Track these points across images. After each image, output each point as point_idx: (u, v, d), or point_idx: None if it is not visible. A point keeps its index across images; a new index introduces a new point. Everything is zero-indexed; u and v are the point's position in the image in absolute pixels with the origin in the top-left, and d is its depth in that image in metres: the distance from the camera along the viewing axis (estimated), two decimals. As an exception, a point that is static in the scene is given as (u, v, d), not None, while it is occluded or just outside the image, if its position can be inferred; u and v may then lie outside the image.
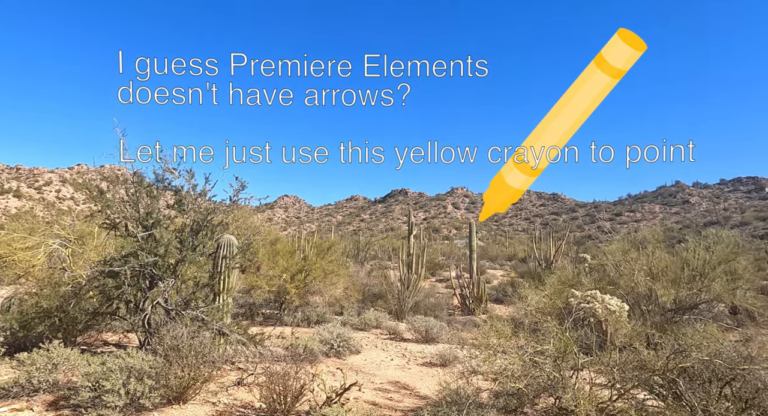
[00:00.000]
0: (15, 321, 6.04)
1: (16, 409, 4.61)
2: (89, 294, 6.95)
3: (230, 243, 7.41)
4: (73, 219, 11.68)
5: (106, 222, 6.57)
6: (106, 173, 6.28)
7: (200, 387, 5.30)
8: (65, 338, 6.61)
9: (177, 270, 6.77)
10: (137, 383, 4.73)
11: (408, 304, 14.21)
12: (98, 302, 6.70)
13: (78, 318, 6.37)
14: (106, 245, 9.47)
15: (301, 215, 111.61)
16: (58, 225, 10.07)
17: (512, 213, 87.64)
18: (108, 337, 8.12)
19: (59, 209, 79.68)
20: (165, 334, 5.74)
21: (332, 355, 7.90)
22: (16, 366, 5.07)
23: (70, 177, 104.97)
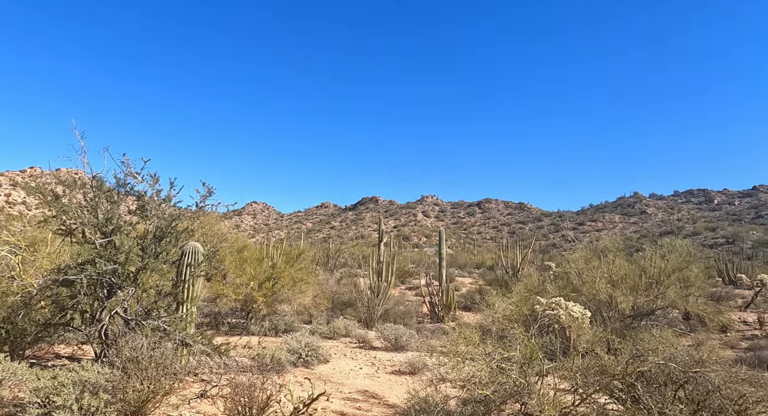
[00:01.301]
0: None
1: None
2: (40, 305, 6.55)
3: (195, 250, 7.18)
4: (24, 225, 11.05)
5: (62, 228, 6.24)
6: (62, 177, 5.97)
7: (160, 400, 5.08)
8: (12, 351, 6.19)
9: (138, 279, 6.49)
10: (91, 398, 4.48)
11: (378, 312, 14.18)
12: (50, 312, 6.33)
13: (27, 329, 6.00)
14: (61, 252, 9.00)
15: (270, 222, 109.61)
16: (6, 231, 9.49)
17: (481, 222, 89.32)
18: (60, 350, 7.68)
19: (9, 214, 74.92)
20: (123, 345, 5.49)
21: (300, 365, 7.76)
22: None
23: (21, 180, 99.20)
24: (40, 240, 9.35)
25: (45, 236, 9.55)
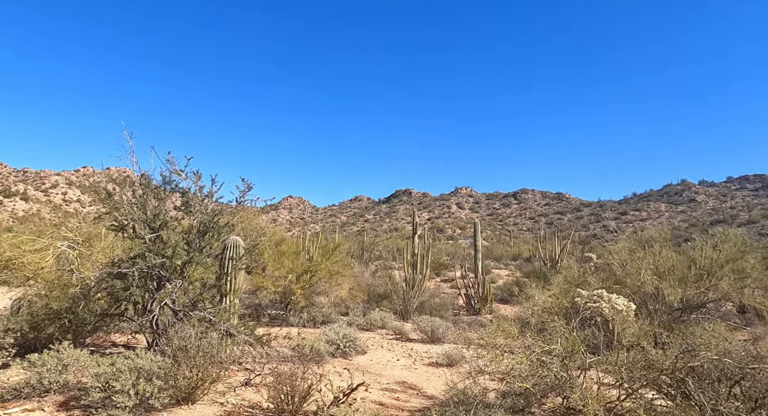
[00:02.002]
0: (26, 323, 6.10)
1: (28, 410, 4.66)
2: (98, 296, 7.00)
3: (237, 244, 7.44)
4: (80, 222, 11.78)
5: (114, 224, 6.61)
6: (114, 175, 6.32)
7: (208, 387, 5.33)
8: (74, 339, 6.66)
9: (184, 272, 6.81)
10: (146, 384, 4.76)
11: (413, 304, 14.22)
12: (106, 303, 6.74)
13: (87, 319, 6.42)
14: (114, 247, 9.55)
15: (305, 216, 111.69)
16: (65, 228, 10.16)
17: (517, 213, 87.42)
18: (116, 338, 8.17)
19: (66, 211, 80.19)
20: (173, 335, 5.78)
21: (338, 356, 7.92)
22: (28, 367, 5.11)
23: (76, 179, 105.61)
24: (94, 235, 9.96)
25: (99, 232, 10.15)
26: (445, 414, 4.09)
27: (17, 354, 5.78)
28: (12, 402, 4.81)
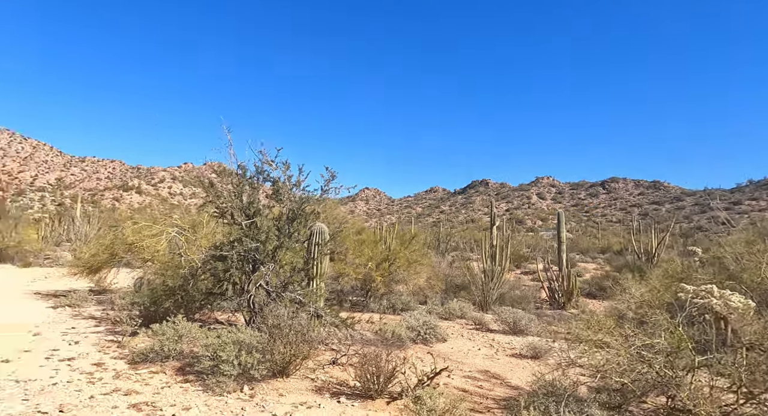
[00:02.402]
0: (147, 298, 6.98)
1: (153, 372, 5.36)
2: (203, 277, 7.79)
3: (322, 230, 7.82)
4: (182, 213, 13.09)
5: (216, 210, 7.28)
6: (215, 167, 6.96)
7: (300, 363, 5.70)
8: (186, 314, 7.49)
9: (276, 256, 7.32)
10: (247, 356, 5.23)
11: (492, 296, 13.89)
12: (211, 283, 7.47)
13: (195, 296, 7.18)
14: (215, 233, 10.51)
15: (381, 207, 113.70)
16: (174, 217, 11.38)
17: (605, 203, 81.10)
18: (218, 316, 9.04)
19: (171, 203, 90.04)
20: (268, 314, 6.26)
21: (419, 342, 8.01)
22: (152, 335, 5.87)
23: (179, 174, 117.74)
24: (197, 223, 11.02)
25: (201, 220, 11.22)
26: (533, 403, 3.97)
27: (142, 324, 6.65)
28: (141, 365, 5.56)
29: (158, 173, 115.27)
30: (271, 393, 5.03)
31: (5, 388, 4.48)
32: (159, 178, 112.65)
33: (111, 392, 4.63)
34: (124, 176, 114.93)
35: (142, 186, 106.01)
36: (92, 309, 9.13)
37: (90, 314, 8.65)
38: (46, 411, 4.02)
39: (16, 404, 4.11)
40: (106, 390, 4.68)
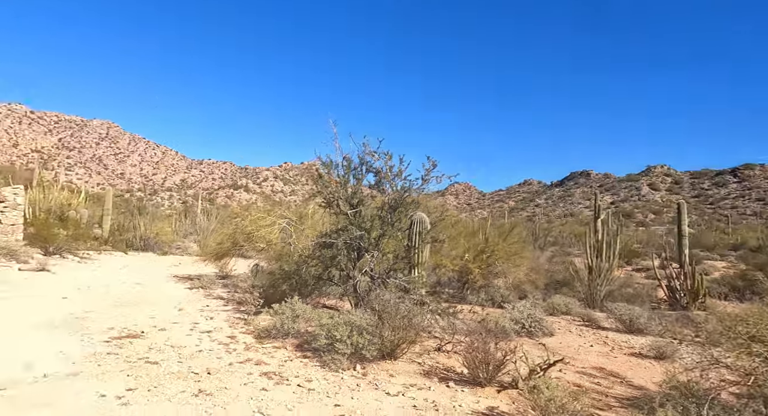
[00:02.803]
0: (267, 281, 7.70)
1: (276, 346, 5.91)
2: (313, 263, 8.36)
3: (422, 219, 7.92)
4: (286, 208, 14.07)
5: (324, 201, 7.75)
6: (324, 159, 7.42)
7: (407, 348, 5.86)
8: (299, 297, 8.12)
9: (379, 244, 7.59)
10: (359, 336, 5.52)
11: (600, 293, 12.90)
12: (320, 269, 7.98)
13: (307, 281, 7.73)
14: (320, 223, 11.19)
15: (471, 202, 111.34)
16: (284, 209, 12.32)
17: (737, 193, 70.28)
18: (325, 302, 9.64)
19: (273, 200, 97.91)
20: (374, 298, 6.53)
21: (523, 335, 7.73)
22: (273, 314, 6.46)
23: (280, 173, 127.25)
24: (303, 215, 11.81)
25: (306, 212, 12.02)
26: (670, 403, 3.62)
27: (263, 304, 7.36)
28: (265, 340, 6.16)
29: (262, 172, 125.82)
30: (382, 374, 5.25)
31: (164, 351, 5.28)
32: (263, 176, 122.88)
33: (244, 361, 5.20)
34: (234, 176, 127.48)
35: (249, 185, 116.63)
36: (219, 290, 10.32)
37: (218, 295, 9.80)
38: (198, 372, 4.66)
39: (174, 364, 4.82)
40: (240, 359, 5.27)
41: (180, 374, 4.57)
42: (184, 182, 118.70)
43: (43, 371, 4.26)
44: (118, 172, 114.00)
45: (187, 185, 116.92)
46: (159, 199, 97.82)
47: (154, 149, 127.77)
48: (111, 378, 4.29)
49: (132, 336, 5.82)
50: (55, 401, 3.66)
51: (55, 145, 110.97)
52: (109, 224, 23.43)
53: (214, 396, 4.11)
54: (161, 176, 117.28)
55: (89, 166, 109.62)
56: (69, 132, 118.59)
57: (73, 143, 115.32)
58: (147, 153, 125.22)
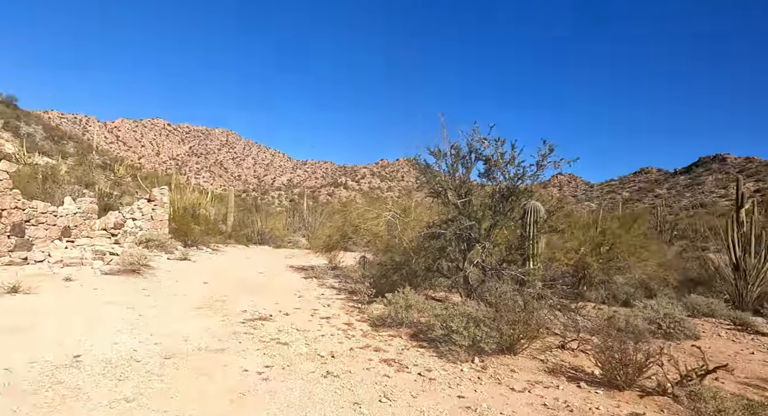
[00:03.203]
0: (378, 272, 7.87)
1: (391, 335, 5.99)
2: (422, 253, 8.34)
3: (537, 209, 7.43)
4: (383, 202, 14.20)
5: (431, 191, 7.67)
6: (432, 149, 7.32)
7: (527, 343, 5.53)
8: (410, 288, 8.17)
9: (490, 234, 7.30)
10: (476, 328, 5.34)
11: (752, 294, 11.01)
12: (429, 259, 7.93)
13: (417, 272, 7.74)
14: (422, 216, 11.17)
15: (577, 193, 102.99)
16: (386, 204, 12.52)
17: None
18: (433, 294, 9.58)
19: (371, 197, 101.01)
20: (486, 291, 6.28)
21: (660, 336, 6.85)
22: (386, 303, 6.57)
23: (377, 170, 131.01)
24: (407, 207, 11.87)
25: (409, 205, 12.06)
26: None
27: (375, 294, 7.53)
28: (380, 328, 6.29)
29: (360, 170, 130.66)
30: (502, 368, 5.01)
31: (291, 333, 5.66)
32: (361, 174, 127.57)
33: (364, 347, 5.35)
34: (335, 174, 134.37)
35: (348, 182, 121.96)
36: (331, 280, 10.87)
37: (330, 284, 10.31)
38: (323, 355, 4.90)
39: (302, 346, 5.13)
40: (359, 344, 5.44)
41: (308, 355, 4.85)
42: (290, 182, 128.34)
43: (197, 344, 4.82)
44: (236, 174, 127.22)
45: (293, 184, 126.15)
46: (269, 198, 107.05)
47: (265, 152, 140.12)
48: (250, 355, 4.69)
49: (262, 318, 6.34)
50: (210, 371, 4.10)
51: (187, 152, 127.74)
52: (232, 220, 26.16)
53: (340, 378, 4.28)
54: (270, 177, 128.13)
55: (213, 170, 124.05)
56: (197, 140, 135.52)
57: (200, 150, 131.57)
58: (259, 156, 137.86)
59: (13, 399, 3.16)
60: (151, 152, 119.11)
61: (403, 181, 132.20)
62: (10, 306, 5.74)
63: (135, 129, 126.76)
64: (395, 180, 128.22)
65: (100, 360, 4.06)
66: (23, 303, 5.97)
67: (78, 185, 23.18)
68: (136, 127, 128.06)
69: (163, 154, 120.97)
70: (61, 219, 11.55)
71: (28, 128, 33.76)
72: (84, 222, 12.45)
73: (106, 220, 13.36)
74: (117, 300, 6.70)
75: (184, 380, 3.84)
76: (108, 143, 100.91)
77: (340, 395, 3.89)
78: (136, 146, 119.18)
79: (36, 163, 24.26)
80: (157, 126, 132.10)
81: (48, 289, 6.99)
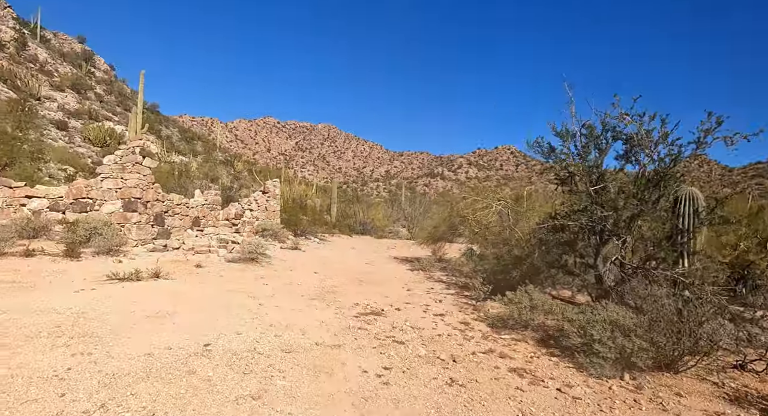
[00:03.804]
0: (493, 266, 7.20)
1: (515, 339, 5.34)
2: (543, 248, 7.46)
3: (694, 196, 6.10)
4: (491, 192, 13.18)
5: (557, 178, 6.74)
6: (558, 129, 6.39)
7: (694, 361, 4.49)
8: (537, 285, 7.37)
9: (631, 226, 6.18)
10: (625, 339, 4.46)
11: None
12: (553, 255, 7.04)
13: (540, 268, 6.91)
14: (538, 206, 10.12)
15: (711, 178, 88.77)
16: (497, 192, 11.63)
17: None
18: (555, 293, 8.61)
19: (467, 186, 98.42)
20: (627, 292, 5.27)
21: None
22: (507, 302, 5.91)
23: (473, 159, 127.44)
24: (519, 196, 10.88)
25: (522, 193, 11.04)
26: None
27: (491, 291, 6.89)
28: (501, 330, 5.66)
29: (456, 160, 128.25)
30: (663, 390, 4.10)
31: (407, 331, 5.33)
32: (457, 164, 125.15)
33: (486, 352, 4.80)
34: (431, 165, 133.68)
35: (445, 172, 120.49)
36: (438, 273, 10.44)
37: (438, 278, 9.89)
38: (443, 358, 4.46)
39: (419, 347, 4.75)
40: (481, 348, 4.89)
41: (427, 358, 4.45)
42: (387, 173, 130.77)
43: (314, 339, 4.72)
44: (337, 166, 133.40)
45: (390, 175, 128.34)
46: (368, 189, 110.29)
47: (363, 145, 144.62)
48: (367, 353, 4.44)
49: (375, 313, 6.12)
50: (329, 370, 3.91)
51: (293, 147, 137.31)
52: (335, 211, 27.15)
53: (467, 389, 3.80)
54: (369, 169, 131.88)
55: (316, 163, 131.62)
56: (302, 136, 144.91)
57: (304, 145, 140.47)
58: (358, 149, 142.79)
59: (153, 387, 3.24)
60: (263, 148, 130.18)
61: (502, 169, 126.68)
62: (154, 290, 6.28)
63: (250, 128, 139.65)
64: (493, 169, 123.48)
65: (226, 350, 4.11)
66: (163, 288, 6.50)
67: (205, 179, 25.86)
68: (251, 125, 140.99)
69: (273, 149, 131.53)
70: (192, 210, 12.77)
71: (167, 131, 38.81)
72: (210, 213, 13.66)
73: (228, 211, 14.53)
74: (239, 288, 7.02)
75: (304, 378, 3.68)
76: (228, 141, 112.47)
77: (470, 409, 3.41)
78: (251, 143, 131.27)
79: (173, 160, 27.62)
80: (268, 124, 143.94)
81: (182, 275, 7.61)
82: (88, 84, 37.37)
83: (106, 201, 10.46)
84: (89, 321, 4.57)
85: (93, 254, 8.63)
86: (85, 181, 10.77)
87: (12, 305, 4.95)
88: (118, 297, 5.69)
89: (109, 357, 3.67)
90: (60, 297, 5.46)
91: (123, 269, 7.03)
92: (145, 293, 6.01)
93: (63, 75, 36.63)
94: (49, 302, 5.16)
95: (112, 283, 6.43)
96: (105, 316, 4.79)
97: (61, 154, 19.80)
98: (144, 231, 10.52)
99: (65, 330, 4.22)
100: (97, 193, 10.52)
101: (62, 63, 40.49)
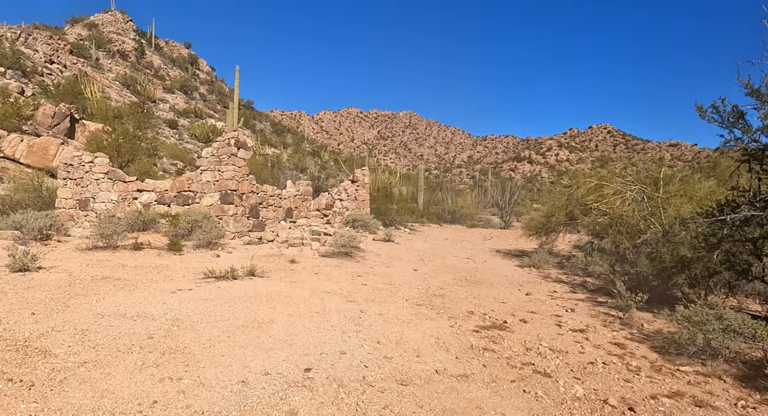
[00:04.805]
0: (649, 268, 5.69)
1: (702, 373, 3.91)
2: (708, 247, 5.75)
3: None
4: (617, 175, 11.10)
5: (745, 153, 5.02)
6: (756, 86, 4.66)
7: None
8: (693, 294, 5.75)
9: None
10: None
11: None
12: (733, 256, 5.35)
13: (716, 272, 5.27)
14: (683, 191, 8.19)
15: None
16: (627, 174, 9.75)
17: None
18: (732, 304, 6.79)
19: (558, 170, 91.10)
20: None
21: None
22: (681, 320, 4.45)
23: (564, 141, 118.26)
24: (657, 179, 8.93)
25: (657, 176, 9.06)
26: None
27: (646, 300, 5.42)
28: (675, 358, 4.25)
29: (545, 142, 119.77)
30: None
31: (546, 355, 4.16)
32: (546, 146, 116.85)
33: (671, 395, 3.48)
34: (516, 148, 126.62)
35: (532, 156, 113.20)
36: (554, 271, 8.99)
37: (556, 277, 8.46)
38: (614, 405, 3.25)
39: (574, 385, 3.58)
40: (661, 389, 3.58)
41: (590, 403, 3.28)
42: (470, 158, 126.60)
43: (432, 364, 3.78)
44: (418, 153, 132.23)
45: (473, 161, 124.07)
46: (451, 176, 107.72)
47: (445, 131, 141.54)
48: (506, 391, 3.39)
49: (497, 326, 5.04)
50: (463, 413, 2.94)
51: (376, 136, 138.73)
52: (422, 199, 26.18)
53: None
54: (451, 155, 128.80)
55: (398, 151, 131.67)
56: (384, 124, 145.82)
57: (386, 133, 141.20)
58: (440, 135, 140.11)
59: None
60: (347, 138, 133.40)
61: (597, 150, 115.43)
62: (249, 291, 5.84)
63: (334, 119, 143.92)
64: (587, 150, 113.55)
65: (331, 378, 3.34)
66: (259, 288, 6.05)
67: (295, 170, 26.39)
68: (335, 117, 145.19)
69: (356, 139, 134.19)
70: (284, 202, 12.62)
71: (260, 125, 40.77)
72: (302, 204, 13.45)
73: (319, 201, 14.25)
74: (336, 288, 6.37)
75: (434, 431, 2.75)
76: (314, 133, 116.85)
77: None
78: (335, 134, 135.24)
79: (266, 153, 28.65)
80: (351, 114, 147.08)
81: (277, 272, 7.18)
82: (193, 85, 40.52)
83: (205, 193, 10.56)
84: (183, 332, 4.11)
85: (194, 247, 8.63)
86: (187, 174, 11.00)
87: (112, 308, 4.72)
88: (214, 299, 5.29)
89: (199, 385, 3.07)
90: (158, 298, 5.18)
91: (220, 265, 6.75)
92: (240, 295, 5.57)
93: (173, 78, 40.05)
94: (146, 305, 4.87)
95: (209, 282, 6.12)
96: (199, 325, 4.32)
97: (172, 150, 21.33)
98: (240, 223, 10.48)
99: (157, 344, 3.77)
100: (197, 185, 10.67)
101: (172, 67, 44.35)
